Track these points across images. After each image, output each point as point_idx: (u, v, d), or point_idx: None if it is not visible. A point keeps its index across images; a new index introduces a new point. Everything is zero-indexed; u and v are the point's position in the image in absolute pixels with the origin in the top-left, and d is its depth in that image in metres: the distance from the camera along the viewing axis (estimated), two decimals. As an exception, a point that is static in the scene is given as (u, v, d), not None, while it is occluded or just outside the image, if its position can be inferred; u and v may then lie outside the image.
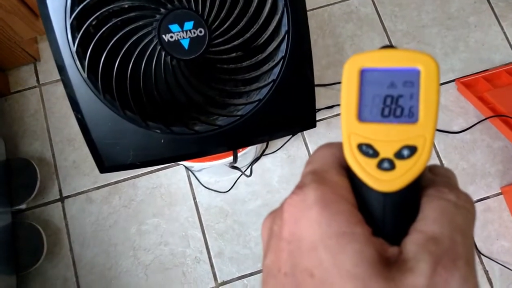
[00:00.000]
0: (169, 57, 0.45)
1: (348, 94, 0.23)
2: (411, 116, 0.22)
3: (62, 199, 1.24)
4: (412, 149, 0.21)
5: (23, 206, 1.19)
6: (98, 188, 1.24)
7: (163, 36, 0.44)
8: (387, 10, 1.41)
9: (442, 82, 1.33)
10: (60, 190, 1.24)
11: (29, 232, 1.14)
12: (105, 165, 0.50)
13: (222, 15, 0.45)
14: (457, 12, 1.41)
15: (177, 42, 0.45)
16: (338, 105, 1.30)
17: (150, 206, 1.23)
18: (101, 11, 0.43)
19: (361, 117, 0.23)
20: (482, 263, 1.19)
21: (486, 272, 1.19)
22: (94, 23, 0.43)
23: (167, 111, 0.48)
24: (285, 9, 0.46)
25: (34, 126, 1.29)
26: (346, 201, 0.21)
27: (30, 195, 1.17)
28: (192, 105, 0.49)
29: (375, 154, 0.22)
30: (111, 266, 1.19)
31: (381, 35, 1.38)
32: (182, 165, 1.25)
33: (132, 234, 1.21)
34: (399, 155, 0.21)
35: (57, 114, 1.31)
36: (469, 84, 1.28)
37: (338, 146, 0.24)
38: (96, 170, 1.23)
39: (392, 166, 0.21)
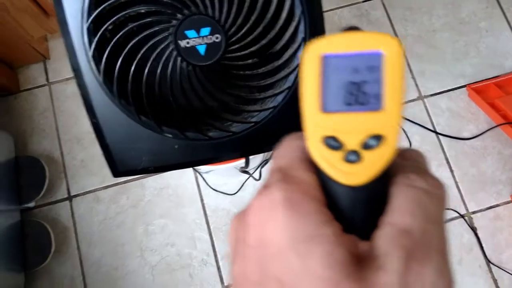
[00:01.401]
0: (185, 63, 0.45)
1: (309, 83, 0.21)
2: (376, 103, 0.20)
3: (70, 198, 1.24)
4: (379, 138, 0.20)
5: (31, 204, 1.20)
6: (106, 187, 1.25)
7: (180, 41, 0.44)
8: (397, 13, 1.40)
9: (453, 87, 1.33)
10: (68, 189, 1.25)
11: (37, 231, 1.15)
12: (118, 169, 0.50)
13: (239, 21, 0.44)
14: (469, 17, 1.40)
15: (193, 48, 0.45)
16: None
17: (158, 207, 1.23)
18: (118, 15, 0.43)
19: (324, 107, 0.21)
20: (491, 271, 1.18)
21: (495, 281, 1.18)
22: (110, 27, 0.43)
23: (182, 116, 0.48)
24: (302, 16, 0.46)
25: (43, 124, 1.30)
26: (314, 200, 0.20)
27: (38, 193, 1.18)
28: (207, 111, 0.49)
29: (340, 146, 0.21)
30: (118, 266, 1.19)
31: (392, 39, 1.37)
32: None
33: (139, 234, 1.21)
34: (365, 145, 0.20)
35: (66, 113, 1.31)
36: (480, 90, 1.27)
37: (303, 138, 0.22)
38: (104, 170, 1.23)
39: (359, 158, 0.20)
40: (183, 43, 0.44)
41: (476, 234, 1.22)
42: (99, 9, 0.42)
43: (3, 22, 1.08)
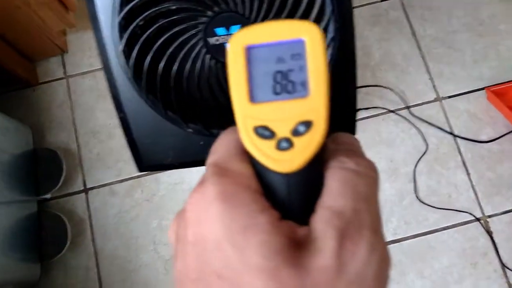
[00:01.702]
0: (213, 60, 0.45)
1: (236, 75, 0.22)
2: (302, 90, 0.21)
3: (86, 190, 1.25)
4: (308, 124, 0.21)
5: (48, 196, 1.21)
6: (121, 181, 1.26)
7: (209, 39, 0.44)
8: (416, 13, 1.39)
9: (471, 89, 1.31)
10: (84, 182, 1.26)
11: (53, 222, 1.16)
12: (144, 164, 0.50)
13: (269, 19, 0.44)
14: (489, 18, 1.38)
15: (222, 45, 0.45)
16: (365, 108, 1.29)
17: (172, 202, 1.24)
18: (149, 11, 0.43)
19: (253, 98, 0.21)
20: (506, 276, 1.17)
21: (510, 285, 1.17)
22: (141, 23, 0.43)
23: (208, 114, 0.48)
24: (332, 15, 0.45)
25: (61, 117, 1.31)
26: (249, 190, 0.20)
27: (55, 185, 1.19)
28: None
29: (272, 135, 0.21)
30: (132, 259, 1.20)
31: (410, 39, 1.36)
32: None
33: (153, 228, 1.22)
34: (295, 132, 0.21)
35: (83, 106, 1.32)
36: (499, 93, 1.26)
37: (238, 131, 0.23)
38: (120, 163, 1.24)
39: (290, 145, 0.21)
40: (212, 40, 0.44)
41: (491, 238, 1.21)
42: (131, 4, 0.42)
43: (24, 15, 1.09)
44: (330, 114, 0.21)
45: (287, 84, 0.21)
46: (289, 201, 0.21)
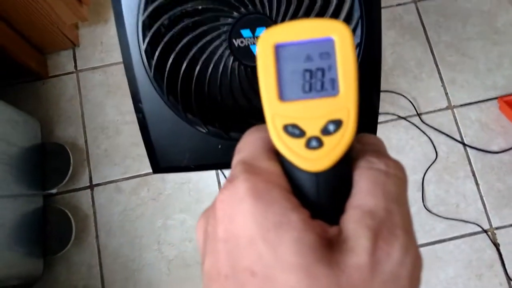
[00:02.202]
0: (237, 62, 0.44)
1: (265, 73, 0.21)
2: (332, 89, 0.21)
3: (92, 186, 1.24)
4: (338, 123, 0.21)
5: (54, 191, 1.20)
6: (127, 178, 1.25)
7: (234, 40, 0.43)
8: (431, 19, 1.37)
9: (484, 99, 1.30)
10: (90, 178, 1.25)
11: (58, 217, 1.15)
12: (160, 165, 0.49)
13: (295, 23, 0.43)
14: (504, 27, 1.37)
15: (247, 48, 0.44)
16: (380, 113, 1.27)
17: (178, 201, 1.23)
18: (174, 10, 0.42)
19: (283, 96, 0.21)
20: (513, 289, 1.16)
21: (517, 299, 1.15)
22: (166, 22, 0.42)
23: (228, 116, 0.47)
24: (360, 19, 0.44)
25: (70, 111, 1.30)
26: (279, 188, 0.20)
27: (62, 180, 1.18)
28: (253, 111, 0.48)
29: (301, 133, 0.21)
30: (135, 257, 1.19)
31: (424, 44, 1.35)
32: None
33: (157, 227, 1.21)
34: (325, 131, 0.21)
35: (92, 101, 1.31)
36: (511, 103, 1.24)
37: (267, 129, 0.22)
38: (127, 160, 1.23)
39: (320, 144, 0.21)
40: (237, 42, 0.43)
41: (498, 250, 1.19)
42: (156, 3, 0.42)
43: (38, 8, 1.08)
44: (358, 113, 0.21)
45: (316, 82, 0.21)
46: (319, 200, 0.21)
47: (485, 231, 1.20)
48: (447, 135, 1.27)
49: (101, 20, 1.36)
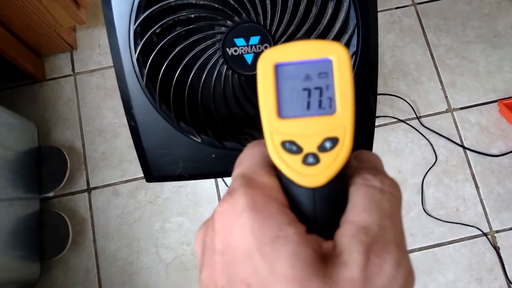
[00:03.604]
0: (230, 71, 0.43)
1: (265, 91, 0.22)
2: (329, 107, 0.22)
3: (89, 190, 1.24)
4: (334, 141, 0.21)
5: (50, 194, 1.20)
6: (125, 181, 1.24)
7: (227, 49, 0.43)
8: (431, 22, 1.36)
9: (483, 102, 1.29)
10: (87, 181, 1.24)
11: (55, 221, 1.15)
12: (153, 174, 0.49)
13: (290, 31, 0.43)
14: (504, 30, 1.36)
15: (241, 57, 0.43)
16: (378, 116, 1.27)
17: (175, 204, 1.23)
18: (167, 19, 0.41)
19: (281, 113, 0.22)
20: (513, 294, 1.15)
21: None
22: (158, 31, 0.42)
23: (221, 125, 0.46)
24: (356, 29, 0.44)
25: (67, 114, 1.29)
26: (277, 202, 0.21)
27: (59, 184, 1.18)
28: (246, 120, 0.47)
29: (299, 150, 0.22)
30: (133, 261, 1.18)
31: (423, 47, 1.34)
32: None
33: (155, 231, 1.20)
34: (322, 148, 0.21)
35: (89, 104, 1.31)
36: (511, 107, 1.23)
37: (265, 144, 0.23)
38: (125, 163, 1.22)
39: (316, 160, 0.21)
40: (230, 51, 0.43)
41: (498, 254, 1.18)
42: (148, 11, 0.41)
43: (35, 10, 1.08)
44: (355, 131, 0.22)
45: (314, 101, 0.22)
46: (314, 215, 0.21)
47: (485, 235, 1.19)
48: (447, 138, 1.26)
49: (99, 23, 1.35)
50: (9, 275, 0.99)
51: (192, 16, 0.41)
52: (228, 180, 1.21)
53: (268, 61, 0.22)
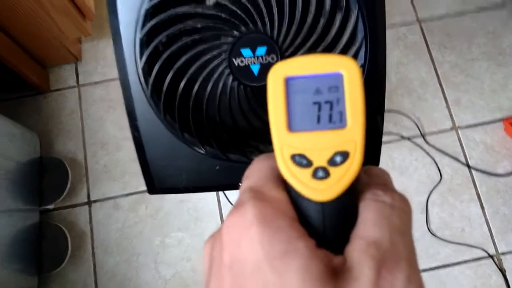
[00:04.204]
0: (236, 82, 0.43)
1: (275, 105, 0.22)
2: (339, 122, 0.22)
3: (89, 202, 1.22)
4: (344, 155, 0.21)
5: (51, 206, 1.18)
6: (126, 195, 1.23)
7: (234, 59, 0.42)
8: (435, 39, 1.37)
9: (488, 120, 1.28)
10: (88, 194, 1.23)
11: (55, 234, 1.13)
12: (155, 186, 0.47)
13: (296, 42, 0.42)
14: (509, 48, 1.36)
15: (247, 67, 0.42)
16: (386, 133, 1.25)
17: (176, 219, 1.21)
18: (173, 28, 0.41)
19: (291, 127, 0.22)
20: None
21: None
22: (164, 40, 0.41)
23: (226, 137, 0.45)
24: (363, 41, 0.43)
25: (70, 126, 1.29)
26: (286, 216, 0.21)
27: (59, 196, 1.17)
28: (252, 132, 0.46)
29: (309, 163, 0.21)
30: (132, 276, 1.16)
31: (428, 64, 1.34)
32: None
33: (155, 246, 1.19)
34: (332, 162, 0.21)
35: (93, 116, 1.30)
36: (518, 125, 1.22)
37: (274, 157, 0.23)
38: (126, 176, 1.21)
39: (326, 174, 0.21)
40: (237, 62, 0.42)
41: (504, 276, 1.16)
42: (155, 20, 0.40)
43: (41, 21, 1.08)
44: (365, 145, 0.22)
45: (324, 115, 0.22)
46: (324, 229, 0.21)
47: (491, 257, 1.17)
48: (452, 157, 1.25)
49: (104, 35, 1.36)
50: (5, 288, 0.97)
51: (199, 26, 0.41)
52: (230, 194, 1.20)
53: (279, 74, 0.23)
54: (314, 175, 0.21)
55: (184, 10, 0.41)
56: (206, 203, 1.22)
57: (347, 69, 0.22)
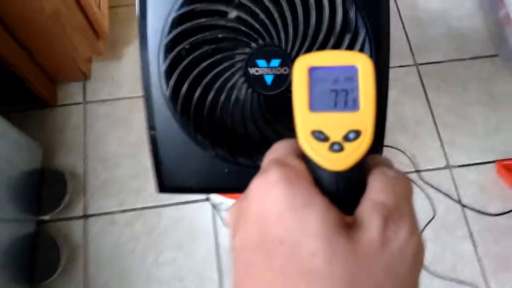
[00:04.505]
0: (250, 89, 0.46)
1: (299, 89, 0.26)
2: (354, 106, 0.25)
3: (85, 216, 1.23)
4: (357, 133, 0.25)
5: (46, 217, 1.19)
6: (123, 211, 1.24)
7: (249, 69, 0.46)
8: (431, 82, 1.43)
9: (482, 161, 1.32)
10: (85, 207, 1.24)
11: (48, 245, 1.13)
12: (165, 185, 0.50)
13: (308, 58, 0.46)
14: (502, 94, 1.42)
15: (261, 77, 0.46)
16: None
17: (171, 238, 1.21)
18: (196, 37, 0.45)
19: (312, 108, 0.26)
20: None
21: None
22: (187, 47, 0.45)
23: (237, 142, 0.48)
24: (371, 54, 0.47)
25: (72, 140, 1.32)
26: (306, 179, 0.24)
27: (57, 207, 1.17)
28: (262, 139, 0.49)
29: (326, 138, 0.25)
30: (122, 293, 1.15)
31: (424, 105, 1.40)
32: (209, 202, 1.24)
33: (148, 263, 1.18)
34: (346, 138, 0.25)
35: (96, 133, 1.33)
36: (510, 168, 1.26)
37: (294, 140, 0.27)
38: (123, 193, 1.22)
39: (341, 148, 0.24)
40: (252, 71, 0.46)
41: (495, 316, 1.16)
42: (180, 28, 0.44)
43: (57, 39, 1.13)
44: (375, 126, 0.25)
45: (340, 100, 0.26)
46: (337, 195, 0.24)
47: (482, 295, 1.17)
48: (445, 194, 1.28)
49: (115, 56, 1.41)
50: (-7, 297, 0.96)
51: (220, 36, 0.45)
52: (224, 215, 1.21)
53: (303, 64, 0.26)
54: (331, 148, 0.24)
55: (208, 22, 0.45)
56: (201, 223, 1.22)
57: (361, 64, 0.26)
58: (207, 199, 1.23)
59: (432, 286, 1.18)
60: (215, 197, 1.07)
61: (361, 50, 0.46)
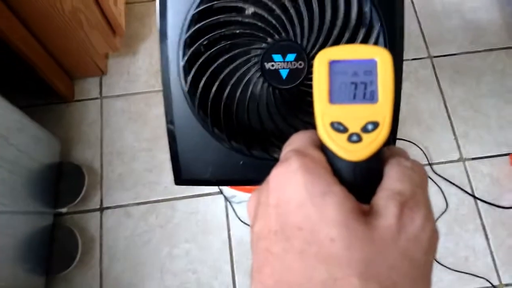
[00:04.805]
0: (266, 83, 0.47)
1: (319, 81, 0.27)
2: (372, 98, 0.26)
3: (101, 209, 1.26)
4: (375, 124, 0.25)
5: (64, 210, 1.22)
6: (138, 204, 1.26)
7: (265, 63, 0.47)
8: (445, 74, 1.42)
9: (495, 154, 1.32)
10: (101, 200, 1.27)
11: (66, 237, 1.16)
12: (182, 177, 0.51)
13: (323, 52, 0.47)
14: (516, 87, 1.41)
15: (276, 71, 0.47)
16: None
17: (185, 231, 1.24)
18: (214, 33, 0.46)
19: (332, 100, 0.26)
20: None
21: None
22: (205, 42, 0.46)
23: (252, 134, 0.50)
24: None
25: (89, 135, 1.34)
26: (325, 168, 0.25)
27: (74, 200, 1.20)
28: (276, 132, 0.50)
29: (345, 129, 0.25)
30: (137, 284, 1.18)
31: (438, 98, 1.39)
32: (222, 195, 1.25)
33: (163, 256, 1.21)
34: (364, 129, 0.25)
35: (112, 127, 1.36)
36: (523, 161, 1.26)
37: (312, 131, 0.28)
38: (138, 186, 1.25)
39: (359, 139, 0.25)
40: (268, 65, 0.47)
41: (508, 309, 1.16)
42: (199, 25, 0.45)
43: (75, 35, 1.15)
44: (393, 118, 0.26)
45: (360, 92, 0.26)
46: (354, 184, 0.25)
47: (494, 287, 1.17)
48: (458, 187, 1.27)
49: (131, 51, 1.43)
50: (13, 286, 0.99)
51: (237, 31, 0.46)
52: (237, 207, 1.23)
53: (324, 58, 0.27)
54: (349, 139, 0.25)
55: (226, 18, 0.46)
56: (214, 216, 1.24)
57: (380, 57, 0.26)
58: (220, 192, 1.24)
59: (444, 278, 1.18)
60: (228, 190, 1.09)
61: (375, 44, 0.47)
